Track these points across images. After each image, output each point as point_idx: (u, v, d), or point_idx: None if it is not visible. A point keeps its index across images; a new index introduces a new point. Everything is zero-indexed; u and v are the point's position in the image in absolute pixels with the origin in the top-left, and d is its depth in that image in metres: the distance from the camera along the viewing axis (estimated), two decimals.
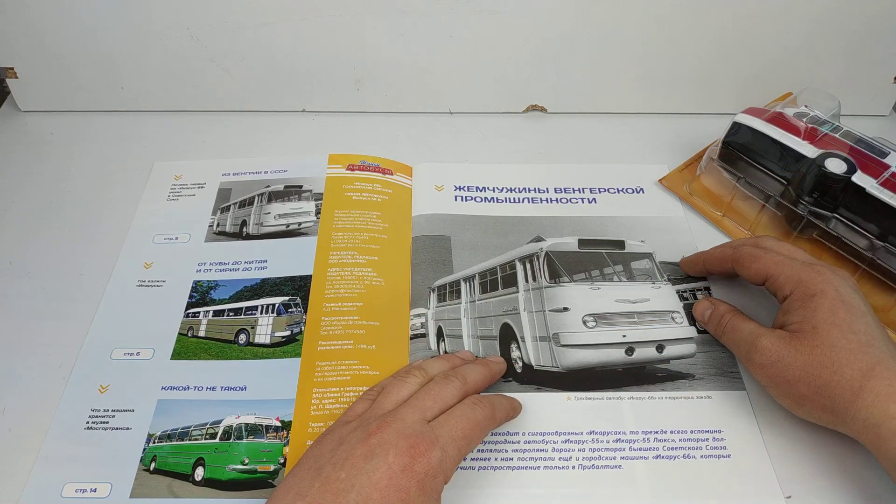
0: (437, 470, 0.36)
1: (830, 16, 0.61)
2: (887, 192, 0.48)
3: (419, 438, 0.37)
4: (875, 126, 0.66)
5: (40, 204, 0.59)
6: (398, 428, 0.37)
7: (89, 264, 0.54)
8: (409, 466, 0.36)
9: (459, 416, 0.39)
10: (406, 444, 0.36)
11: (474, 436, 0.39)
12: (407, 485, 0.35)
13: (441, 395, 0.40)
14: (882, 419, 0.38)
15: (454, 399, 0.40)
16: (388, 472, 0.35)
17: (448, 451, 0.37)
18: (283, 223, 0.57)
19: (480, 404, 0.40)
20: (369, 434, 0.37)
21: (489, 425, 0.40)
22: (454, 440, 0.38)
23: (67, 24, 0.61)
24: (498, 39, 0.63)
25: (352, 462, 0.36)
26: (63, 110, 0.68)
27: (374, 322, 0.49)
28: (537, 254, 0.52)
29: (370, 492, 0.34)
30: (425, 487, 0.36)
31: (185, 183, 0.60)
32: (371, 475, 0.35)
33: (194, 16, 0.61)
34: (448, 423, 0.38)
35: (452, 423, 0.39)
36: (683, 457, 0.43)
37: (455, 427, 0.38)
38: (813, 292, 0.42)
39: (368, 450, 0.36)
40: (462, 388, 0.41)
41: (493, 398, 0.42)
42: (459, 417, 0.39)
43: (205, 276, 0.53)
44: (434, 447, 0.37)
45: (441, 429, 0.38)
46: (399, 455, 0.36)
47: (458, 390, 0.41)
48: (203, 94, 0.67)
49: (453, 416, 0.39)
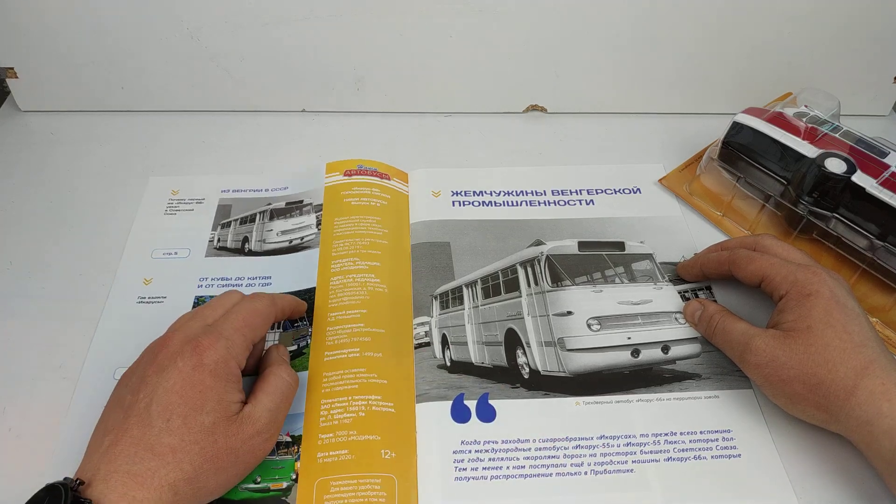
0: (227, 356, 0.39)
1: (830, 16, 0.61)
2: (887, 191, 0.48)
3: (202, 338, 0.39)
4: (875, 126, 0.66)
5: (40, 204, 0.59)
6: (181, 337, 0.39)
7: (89, 265, 0.54)
8: (198, 363, 0.38)
9: (237, 309, 0.42)
10: (191, 347, 0.38)
11: (256, 322, 0.42)
12: (201, 377, 0.37)
13: (220, 302, 0.43)
14: (875, 417, 0.38)
15: (232, 303, 0.43)
16: (180, 376, 0.37)
17: (234, 340, 0.40)
18: (286, 239, 0.56)
19: (258, 296, 0.44)
20: (156, 353, 0.39)
21: (270, 311, 0.43)
22: (237, 329, 0.40)
23: (67, 24, 0.61)
24: (498, 39, 0.63)
25: (146, 381, 0.38)
26: (63, 110, 0.68)
27: (379, 329, 0.49)
28: (538, 258, 0.52)
29: (168, 397, 0.37)
30: (219, 374, 0.38)
31: (182, 198, 0.60)
32: (166, 384, 0.37)
33: (194, 16, 0.61)
34: (228, 318, 0.41)
35: (232, 317, 0.41)
36: (694, 458, 0.43)
37: (235, 319, 0.41)
38: (808, 292, 0.42)
39: (158, 366, 0.38)
40: (241, 295, 0.44)
41: (273, 294, 0.46)
42: (238, 310, 0.42)
43: (207, 292, 0.52)
44: (218, 340, 0.39)
45: (222, 325, 0.40)
46: (186, 358, 0.38)
47: (237, 296, 0.44)
48: (203, 94, 0.67)
49: (232, 311, 0.42)
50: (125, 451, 0.35)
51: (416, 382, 0.47)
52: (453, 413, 0.45)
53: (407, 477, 0.42)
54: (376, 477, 0.41)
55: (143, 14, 0.61)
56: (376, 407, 0.44)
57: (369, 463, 0.42)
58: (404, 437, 0.44)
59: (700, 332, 0.49)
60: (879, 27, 0.62)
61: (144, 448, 0.35)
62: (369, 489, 0.41)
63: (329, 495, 0.40)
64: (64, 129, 0.66)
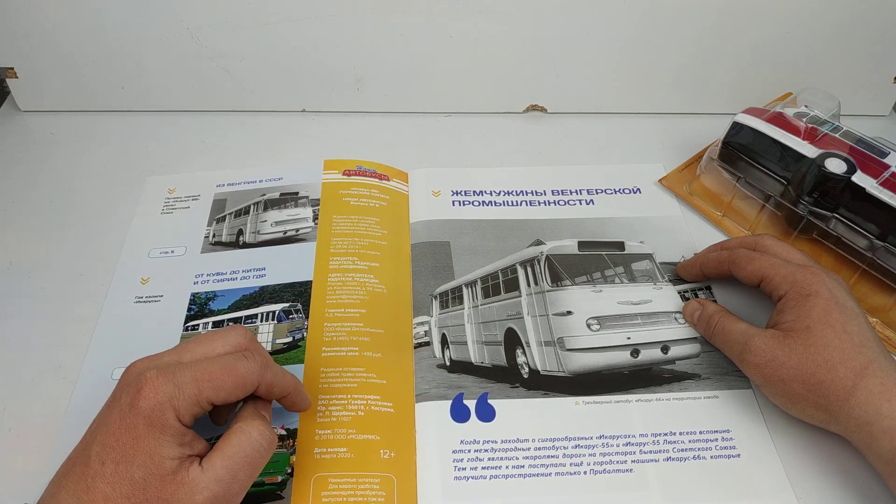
0: (165, 405, 0.33)
1: (830, 16, 0.61)
2: (887, 192, 0.48)
3: (150, 376, 0.34)
4: (875, 126, 0.66)
5: (40, 204, 0.59)
6: (140, 367, 0.35)
7: (88, 265, 0.54)
8: (134, 403, 0.33)
9: (215, 359, 0.35)
10: (136, 384, 0.33)
11: (225, 383, 0.35)
12: (134, 422, 0.33)
13: (211, 339, 0.37)
14: (875, 417, 0.38)
15: (223, 350, 0.37)
16: (119, 414, 0.33)
17: (184, 390, 0.34)
18: (281, 230, 0.56)
19: (250, 357, 0.36)
20: (119, 381, 0.35)
21: (250, 378, 0.36)
22: (196, 380, 0.34)
23: (67, 24, 0.61)
24: (498, 39, 0.63)
25: (100, 413, 0.35)
26: (63, 110, 0.67)
27: (378, 329, 0.49)
28: (538, 258, 0.52)
29: (106, 438, 0.33)
30: (153, 423, 0.33)
31: (179, 196, 0.59)
32: (108, 419, 0.33)
33: (194, 16, 0.61)
34: (196, 364, 0.35)
35: (201, 365, 0.35)
36: (693, 458, 0.43)
37: (201, 369, 0.34)
38: (808, 293, 0.42)
39: (113, 396, 0.35)
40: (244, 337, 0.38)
41: (277, 365, 0.38)
42: (214, 361, 0.35)
43: (202, 288, 0.52)
44: (166, 382, 0.33)
45: (182, 370, 0.34)
46: (129, 394, 0.33)
47: (232, 345, 0.37)
48: (203, 94, 0.67)
49: (207, 358, 0.36)
50: (69, 485, 0.33)
51: (415, 382, 0.47)
52: (453, 412, 0.45)
53: (406, 476, 0.42)
54: (375, 476, 0.41)
55: (143, 14, 0.61)
56: (375, 407, 0.45)
57: (368, 462, 0.42)
58: (403, 437, 0.44)
59: (699, 332, 0.49)
60: (879, 27, 0.62)
61: (83, 489, 0.32)
62: (368, 488, 0.41)
63: (327, 492, 0.40)
64: (63, 129, 0.66)
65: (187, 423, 0.34)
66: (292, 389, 0.39)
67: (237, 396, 0.36)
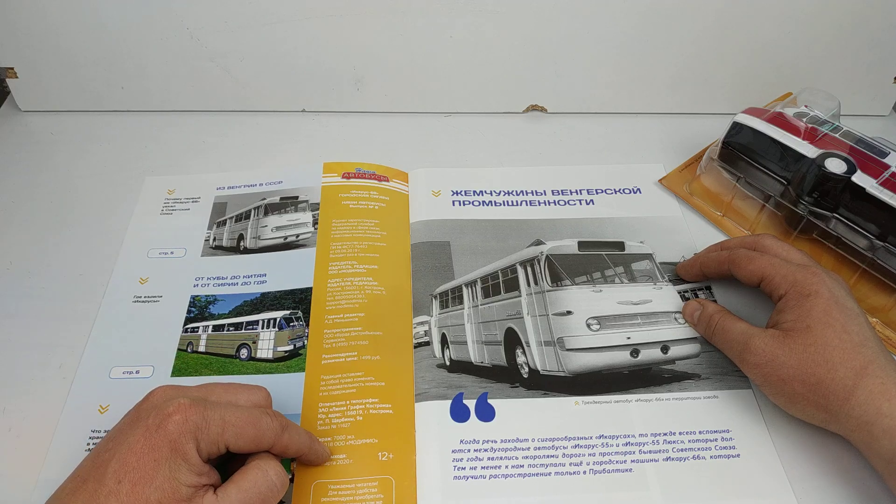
0: (191, 434, 0.34)
1: (830, 16, 0.61)
2: (887, 192, 0.48)
3: (186, 402, 0.34)
4: (875, 126, 0.66)
5: (40, 204, 0.59)
6: (169, 393, 0.36)
7: (88, 265, 0.54)
8: (162, 425, 0.34)
9: (242, 408, 0.37)
10: (167, 407, 0.34)
11: (247, 432, 0.36)
12: (159, 443, 0.33)
13: (236, 389, 0.38)
14: (875, 417, 0.38)
15: (246, 403, 0.38)
16: (144, 433, 0.34)
17: (211, 425, 0.34)
18: (281, 235, 0.56)
19: (272, 414, 0.37)
20: (139, 402, 0.36)
21: (269, 435, 0.37)
22: (224, 420, 0.35)
23: (67, 24, 0.61)
24: (498, 39, 0.63)
25: (119, 431, 0.35)
26: (63, 110, 0.68)
27: (376, 332, 0.49)
28: (538, 258, 0.52)
29: (126, 456, 0.33)
30: (177, 449, 0.33)
31: (178, 197, 0.59)
32: (130, 439, 0.34)
33: (194, 16, 0.61)
34: (228, 407, 0.36)
35: (233, 409, 0.36)
36: (693, 458, 0.43)
37: (233, 413, 0.36)
38: (808, 293, 0.42)
39: (136, 416, 0.35)
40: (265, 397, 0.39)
41: (294, 424, 0.39)
42: (242, 409, 0.36)
43: (203, 291, 0.52)
44: (196, 413, 0.34)
45: (212, 408, 0.35)
46: (158, 416, 0.34)
47: (254, 402, 0.39)
48: (203, 94, 0.67)
49: (236, 407, 0.37)
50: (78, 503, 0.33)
51: (415, 381, 0.47)
52: (452, 412, 0.45)
53: (405, 477, 0.42)
54: (373, 480, 0.41)
55: (143, 14, 0.61)
56: (374, 410, 0.45)
57: (367, 467, 0.42)
58: (402, 438, 0.44)
59: (699, 332, 0.49)
60: (879, 27, 0.62)
61: None
62: (366, 492, 0.41)
63: (327, 498, 0.40)
64: (63, 129, 0.66)
65: (203, 458, 0.35)
66: (307, 450, 0.40)
67: (251, 449, 0.37)
